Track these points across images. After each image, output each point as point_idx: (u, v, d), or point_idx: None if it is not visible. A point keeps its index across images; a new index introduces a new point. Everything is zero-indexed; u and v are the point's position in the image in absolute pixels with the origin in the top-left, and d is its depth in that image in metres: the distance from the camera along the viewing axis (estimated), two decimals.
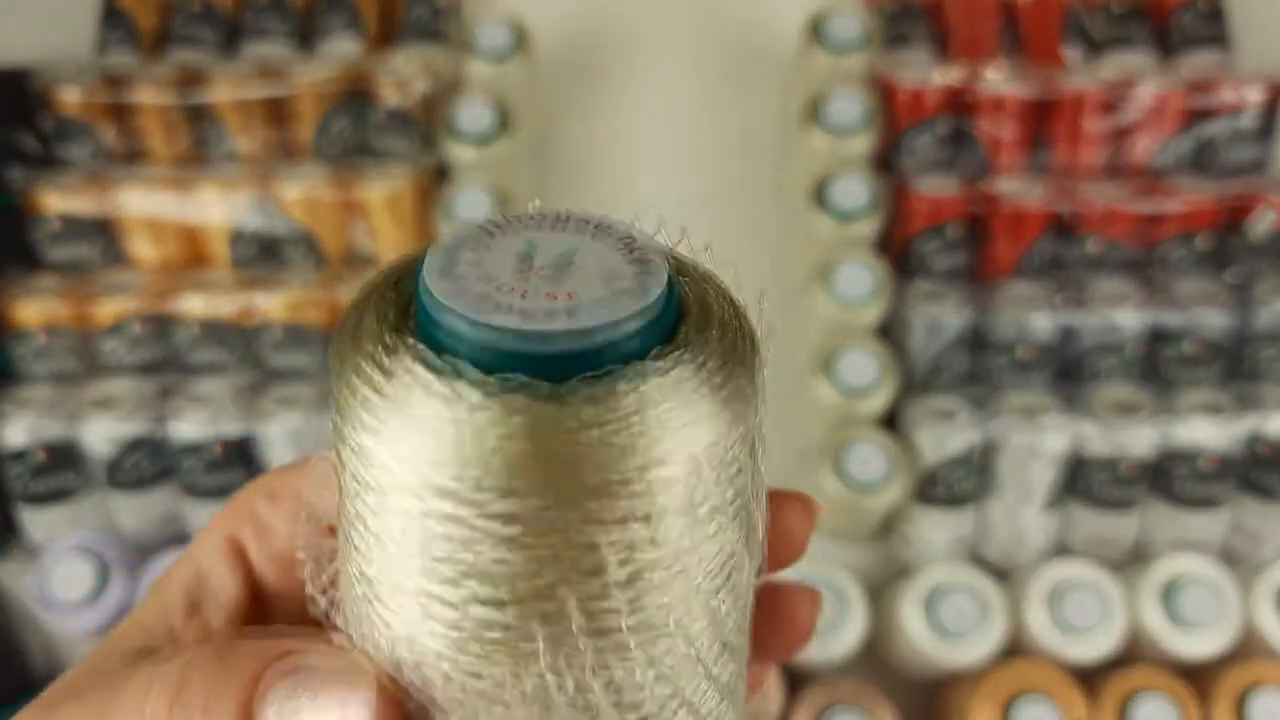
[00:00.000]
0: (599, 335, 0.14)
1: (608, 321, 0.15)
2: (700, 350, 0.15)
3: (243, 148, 0.73)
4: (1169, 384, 0.67)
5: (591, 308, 0.15)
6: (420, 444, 0.14)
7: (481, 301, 0.15)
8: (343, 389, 0.15)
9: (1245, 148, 0.71)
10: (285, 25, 0.76)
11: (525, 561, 0.15)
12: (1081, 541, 0.66)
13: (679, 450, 0.15)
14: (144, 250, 0.72)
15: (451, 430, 0.14)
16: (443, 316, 0.15)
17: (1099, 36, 0.74)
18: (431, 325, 0.15)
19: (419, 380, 0.14)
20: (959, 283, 0.69)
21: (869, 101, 0.71)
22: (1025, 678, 0.62)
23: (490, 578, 0.15)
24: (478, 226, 0.16)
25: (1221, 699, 0.62)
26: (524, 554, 0.15)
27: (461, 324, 0.14)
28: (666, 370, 0.15)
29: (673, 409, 0.15)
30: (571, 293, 0.15)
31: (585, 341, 0.14)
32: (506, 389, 0.14)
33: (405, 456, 0.14)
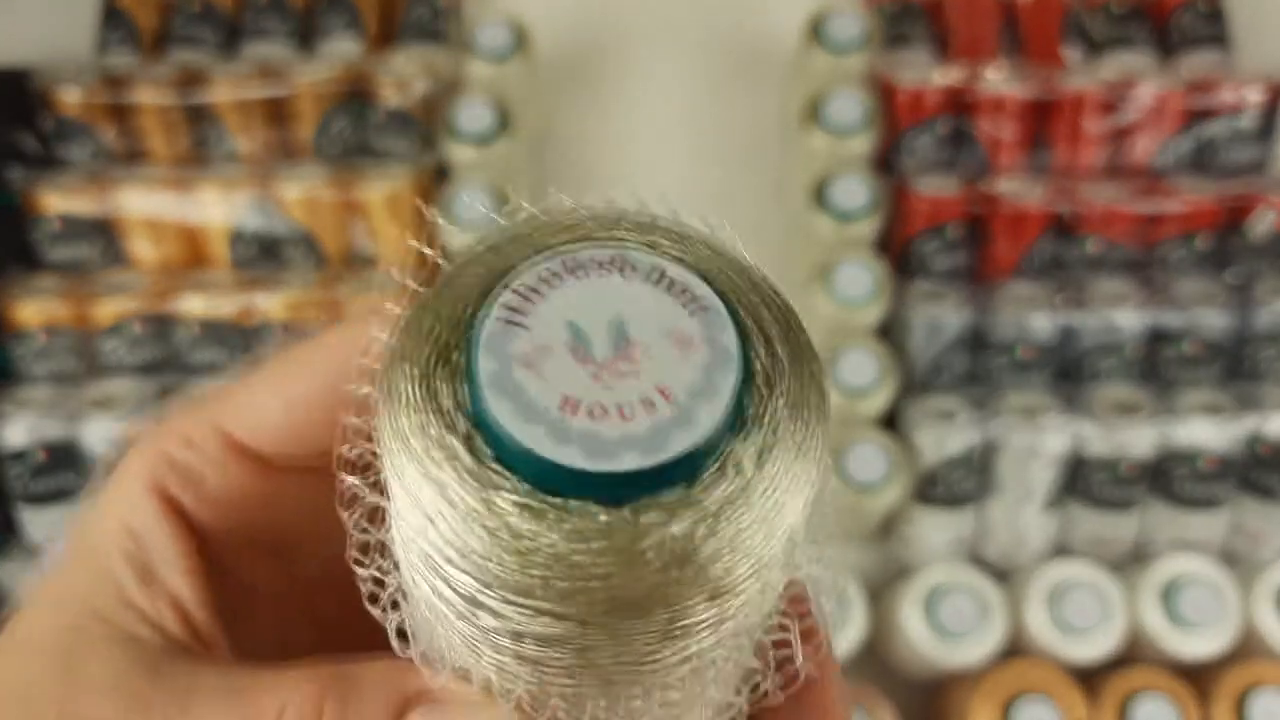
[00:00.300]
0: (670, 463, 0.13)
1: (685, 454, 0.13)
2: (774, 424, 0.14)
3: (243, 148, 0.73)
4: (1169, 384, 0.67)
5: (673, 427, 0.13)
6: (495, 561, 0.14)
7: (556, 432, 0.13)
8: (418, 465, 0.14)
9: (1245, 148, 0.71)
10: (285, 25, 0.76)
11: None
12: (1081, 542, 0.66)
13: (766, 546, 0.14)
14: (144, 250, 0.72)
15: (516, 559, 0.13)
16: (515, 448, 0.14)
17: (1099, 37, 0.74)
18: (501, 447, 0.14)
19: (495, 496, 0.14)
20: (959, 283, 0.69)
21: (869, 102, 0.71)
22: (1025, 678, 0.62)
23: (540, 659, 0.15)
24: (501, 304, 0.15)
25: (1221, 699, 0.62)
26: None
27: (537, 462, 0.13)
28: (742, 473, 0.14)
29: (747, 512, 0.14)
30: (647, 402, 0.14)
31: (653, 465, 0.13)
32: (579, 516, 0.13)
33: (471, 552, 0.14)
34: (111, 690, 0.17)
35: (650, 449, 0.13)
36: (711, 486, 0.14)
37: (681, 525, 0.13)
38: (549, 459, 0.13)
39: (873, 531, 0.68)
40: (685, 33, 0.81)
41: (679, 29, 0.81)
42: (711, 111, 0.79)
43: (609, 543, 0.13)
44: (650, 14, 0.81)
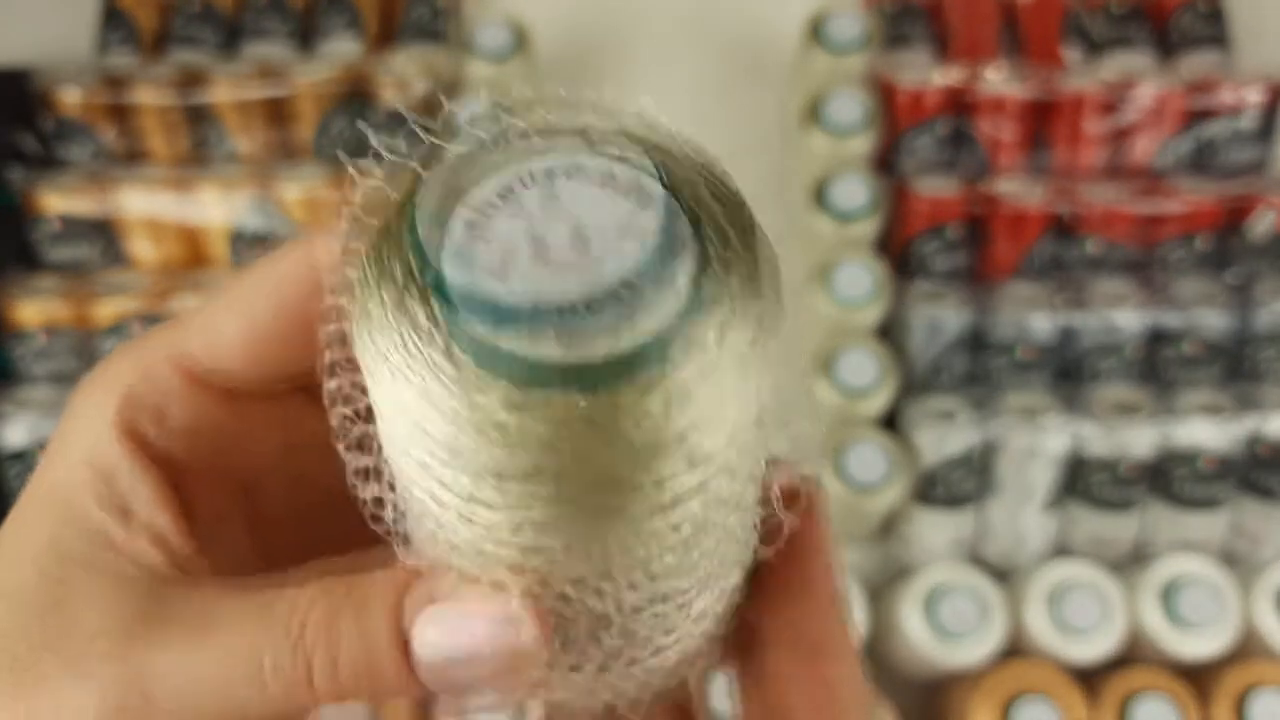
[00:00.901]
0: (640, 348, 0.14)
1: (653, 337, 0.14)
2: (731, 302, 0.15)
3: (243, 148, 0.73)
4: (1169, 385, 0.67)
5: (639, 314, 0.14)
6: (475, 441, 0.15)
7: (530, 332, 0.14)
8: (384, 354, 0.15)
9: (1245, 148, 0.71)
10: (285, 26, 0.76)
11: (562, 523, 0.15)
12: (1081, 542, 0.66)
13: (727, 419, 0.15)
14: (144, 251, 0.72)
15: (498, 435, 0.14)
16: (494, 352, 0.14)
17: (1099, 37, 0.74)
18: (480, 353, 0.15)
19: (469, 381, 0.15)
20: (959, 283, 0.69)
21: (869, 102, 0.71)
22: (1025, 678, 0.61)
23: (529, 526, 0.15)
24: (464, 220, 0.16)
25: (1221, 699, 0.62)
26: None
27: (517, 361, 0.14)
28: (706, 349, 0.15)
29: (716, 384, 0.15)
30: (613, 295, 0.15)
31: (625, 351, 0.14)
32: (548, 398, 0.14)
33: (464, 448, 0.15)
34: (115, 635, 0.17)
35: (620, 336, 0.14)
36: (680, 365, 0.14)
37: (656, 403, 0.14)
38: (527, 357, 0.14)
39: (873, 532, 0.68)
40: (685, 33, 0.81)
41: (679, 29, 0.81)
42: (712, 111, 0.79)
43: (591, 426, 0.14)
44: (650, 14, 0.81)
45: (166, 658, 0.17)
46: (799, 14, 0.74)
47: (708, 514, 0.16)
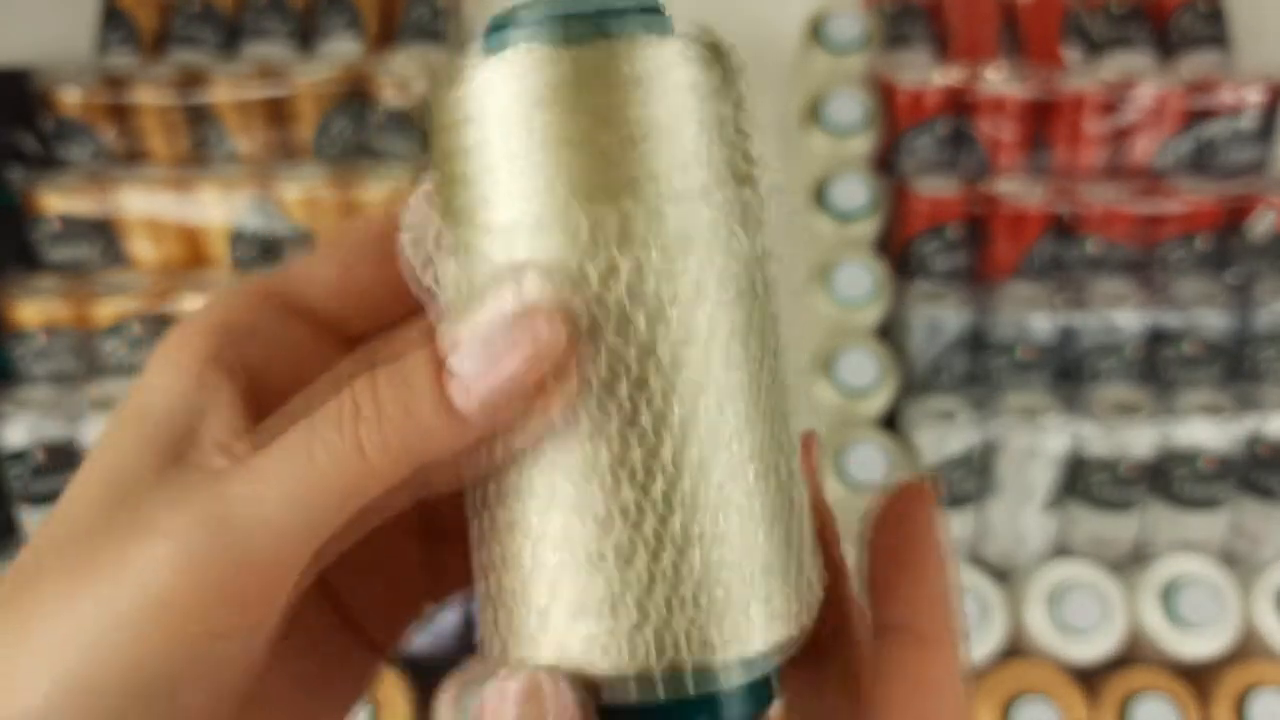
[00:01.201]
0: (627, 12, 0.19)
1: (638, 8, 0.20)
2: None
3: (243, 148, 0.73)
4: (1169, 385, 0.67)
5: None
6: (505, 91, 0.18)
7: None
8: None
9: (1245, 148, 0.71)
10: (285, 26, 0.76)
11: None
12: (1081, 542, 0.66)
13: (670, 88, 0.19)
14: (144, 251, 0.72)
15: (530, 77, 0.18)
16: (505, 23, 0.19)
17: (1099, 37, 0.74)
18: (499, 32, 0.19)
19: (484, 63, 0.18)
20: (959, 283, 0.69)
21: (869, 102, 0.70)
22: (1025, 678, 0.61)
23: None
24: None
25: (1221, 699, 0.62)
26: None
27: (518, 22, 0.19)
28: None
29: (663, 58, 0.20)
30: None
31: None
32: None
33: (493, 106, 0.18)
34: (183, 489, 0.17)
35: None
36: (656, 42, 0.20)
37: (643, 61, 0.19)
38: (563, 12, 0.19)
39: None
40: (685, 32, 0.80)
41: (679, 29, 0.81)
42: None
43: (598, 71, 0.19)
44: None
45: (235, 490, 0.17)
46: (799, 14, 0.74)
47: (703, 227, 0.19)
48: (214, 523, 0.17)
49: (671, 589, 0.18)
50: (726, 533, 0.18)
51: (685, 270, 0.18)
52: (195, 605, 0.17)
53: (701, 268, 0.19)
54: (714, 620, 0.18)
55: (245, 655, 0.18)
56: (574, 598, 0.18)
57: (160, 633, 0.16)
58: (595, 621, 0.18)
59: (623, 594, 0.18)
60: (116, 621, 0.16)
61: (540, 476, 0.18)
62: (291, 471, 0.17)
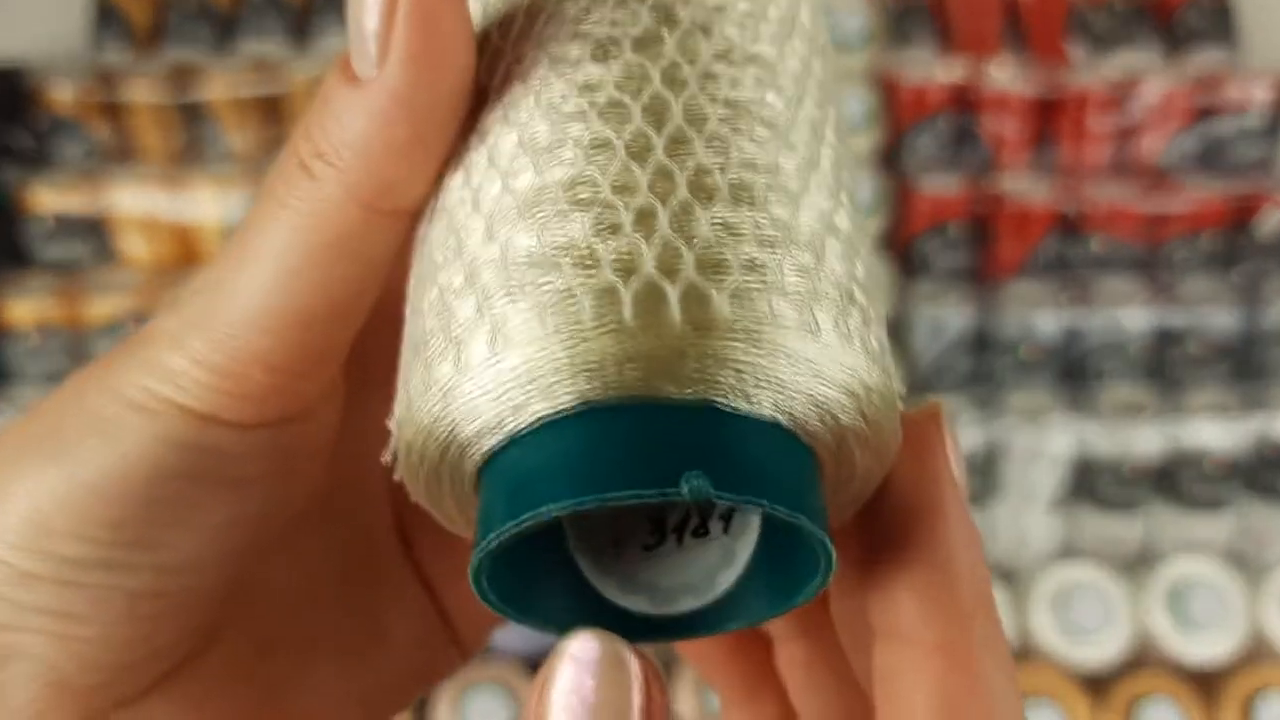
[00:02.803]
0: None
1: None
2: None
3: (237, 146, 0.72)
4: (1175, 384, 0.66)
5: None
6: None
7: None
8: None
9: (1252, 146, 0.70)
10: (280, 22, 0.75)
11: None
12: (1087, 543, 0.65)
13: None
14: (137, 249, 0.71)
15: None
16: None
17: (1104, 33, 0.74)
18: None
19: None
20: (962, 282, 0.68)
21: (872, 99, 0.70)
22: (1030, 682, 0.61)
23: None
24: None
25: (1229, 703, 0.61)
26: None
27: None
28: None
29: None
30: None
31: None
32: None
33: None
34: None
35: None
36: None
37: None
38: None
39: None
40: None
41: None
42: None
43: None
44: None
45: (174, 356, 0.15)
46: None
47: (769, 93, 0.15)
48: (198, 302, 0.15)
49: (683, 240, 0.13)
50: (765, 199, 0.14)
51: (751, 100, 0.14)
52: (188, 382, 0.15)
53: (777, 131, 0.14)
54: (740, 291, 0.13)
55: (265, 474, 0.16)
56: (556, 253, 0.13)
57: (144, 420, 0.15)
58: (561, 276, 0.13)
59: (607, 245, 0.13)
60: (85, 425, 0.15)
61: (513, 114, 0.14)
62: (257, 251, 0.15)
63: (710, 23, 0.15)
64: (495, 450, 0.13)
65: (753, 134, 0.14)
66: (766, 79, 0.15)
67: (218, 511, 0.16)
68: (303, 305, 0.15)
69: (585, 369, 0.13)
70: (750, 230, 0.13)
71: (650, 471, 0.12)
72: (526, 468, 0.13)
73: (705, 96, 0.14)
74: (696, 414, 0.13)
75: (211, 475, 0.16)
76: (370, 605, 0.19)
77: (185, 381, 0.15)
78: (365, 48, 0.15)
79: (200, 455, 0.15)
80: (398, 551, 0.20)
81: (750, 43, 0.15)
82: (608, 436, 0.13)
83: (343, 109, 0.15)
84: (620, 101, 0.14)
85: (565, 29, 0.15)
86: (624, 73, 0.14)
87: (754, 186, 0.14)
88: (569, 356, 0.13)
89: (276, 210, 0.15)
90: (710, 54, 0.15)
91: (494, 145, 0.14)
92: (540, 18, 0.15)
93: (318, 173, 0.15)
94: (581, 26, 0.15)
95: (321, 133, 0.15)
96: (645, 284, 0.13)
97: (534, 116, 0.14)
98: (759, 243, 0.13)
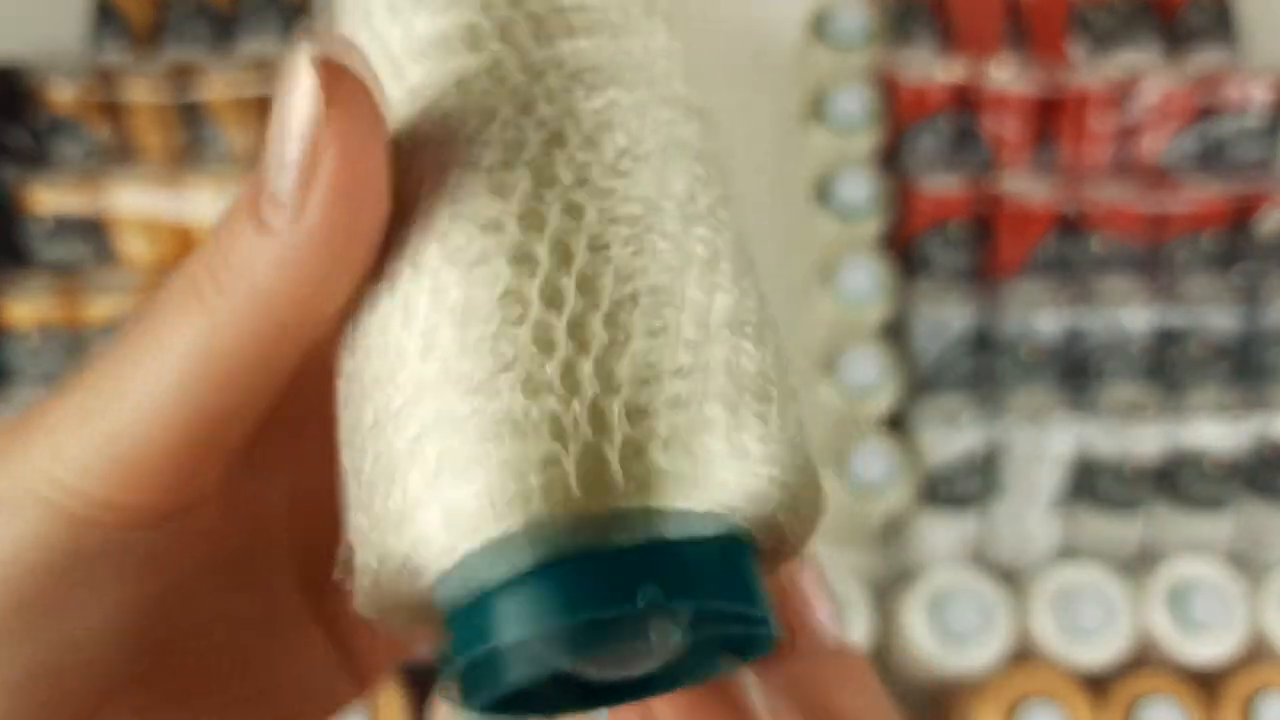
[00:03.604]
0: None
1: None
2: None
3: (237, 145, 0.72)
4: (1176, 384, 0.66)
5: None
6: None
7: None
8: None
9: (1253, 145, 0.70)
10: (279, 21, 0.75)
11: None
12: (1088, 543, 0.65)
13: None
14: (137, 249, 0.71)
15: None
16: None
17: (1105, 32, 0.73)
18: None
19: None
20: (964, 282, 0.68)
21: (872, 98, 0.70)
22: (1031, 683, 0.61)
23: None
24: None
25: (1230, 703, 0.61)
26: None
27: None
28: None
29: None
30: None
31: None
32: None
33: None
34: None
35: None
36: None
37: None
38: None
39: (877, 534, 0.67)
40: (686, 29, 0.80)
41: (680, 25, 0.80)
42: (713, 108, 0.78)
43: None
44: None
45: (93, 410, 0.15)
46: (802, 9, 0.73)
47: (643, 116, 0.15)
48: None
49: (609, 392, 0.13)
50: (677, 325, 0.14)
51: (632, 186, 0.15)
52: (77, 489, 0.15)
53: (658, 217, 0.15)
54: (670, 437, 0.13)
55: (158, 554, 0.16)
56: (470, 427, 0.13)
57: (38, 512, 0.15)
58: (501, 447, 0.13)
59: (538, 406, 0.13)
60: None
61: (415, 272, 0.14)
62: (145, 362, 0.15)
63: (598, 133, 0.15)
64: (452, 576, 0.14)
65: (655, 252, 0.14)
66: (659, 181, 0.15)
67: (103, 597, 0.16)
68: (192, 414, 0.15)
69: (535, 526, 0.13)
70: (669, 364, 0.14)
71: (613, 604, 0.13)
72: (494, 616, 0.14)
73: (606, 221, 0.14)
74: (643, 549, 0.14)
75: (92, 573, 0.16)
76: (272, 650, 0.19)
77: (66, 480, 0.15)
78: (282, 185, 0.14)
79: (78, 558, 0.15)
80: (297, 594, 0.20)
81: (638, 143, 0.15)
82: (567, 588, 0.13)
83: (250, 258, 0.14)
84: (525, 246, 0.14)
85: (460, 153, 0.15)
86: (522, 207, 0.14)
87: (665, 313, 0.14)
88: (517, 507, 0.13)
89: (174, 316, 0.15)
90: (602, 168, 0.15)
91: (407, 297, 0.14)
92: (437, 138, 0.15)
93: (214, 305, 0.15)
94: (475, 152, 0.15)
95: (225, 275, 0.15)
96: (584, 449, 0.13)
97: (442, 265, 0.14)
98: (678, 375, 0.14)
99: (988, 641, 0.61)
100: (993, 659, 0.61)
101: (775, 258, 0.73)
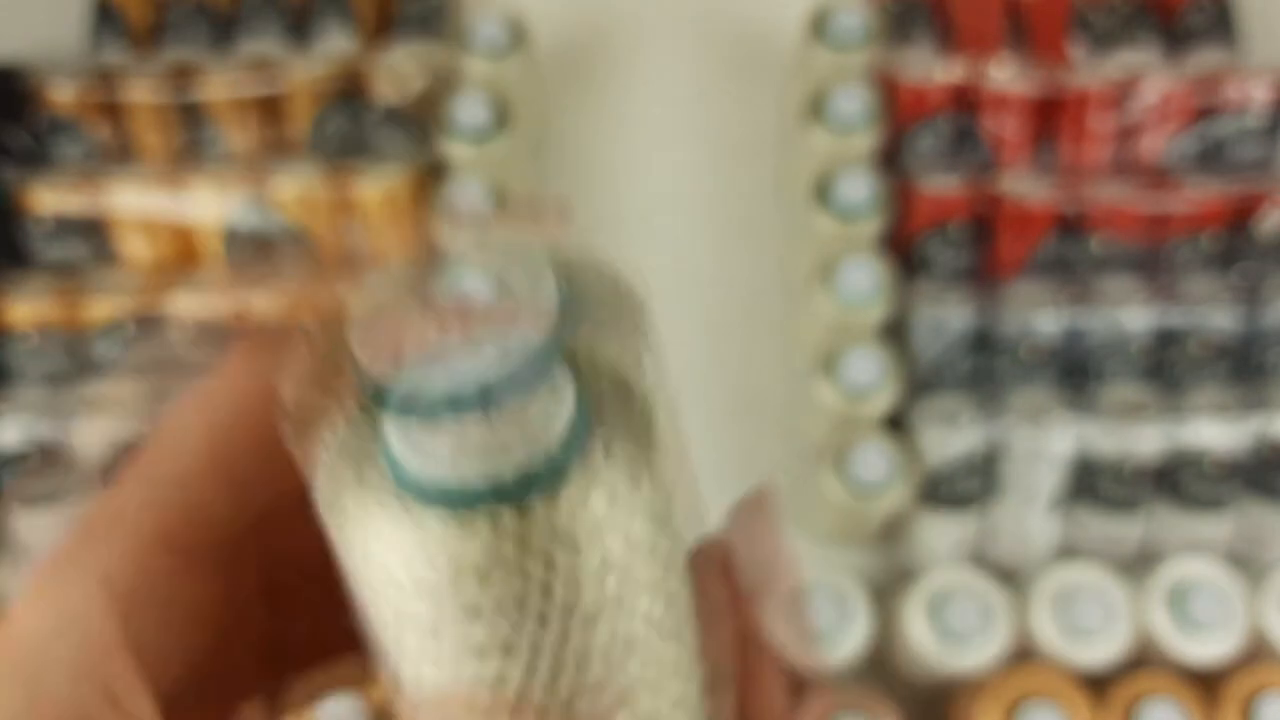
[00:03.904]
0: (544, 472, 0.17)
1: (549, 463, 0.17)
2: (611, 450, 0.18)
3: (236, 145, 0.72)
4: (1176, 384, 0.66)
5: (531, 457, 0.17)
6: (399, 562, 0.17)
7: (459, 469, 0.17)
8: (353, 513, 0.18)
9: (1254, 145, 0.70)
10: (279, 21, 0.75)
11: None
12: (1088, 544, 0.65)
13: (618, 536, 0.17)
14: (136, 249, 0.71)
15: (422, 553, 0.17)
16: (421, 479, 0.17)
17: (1105, 32, 0.74)
18: (408, 478, 0.17)
19: (396, 515, 0.17)
20: (963, 282, 0.68)
21: (872, 98, 0.70)
22: (1031, 683, 0.61)
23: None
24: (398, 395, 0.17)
25: (1230, 703, 0.61)
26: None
27: (437, 485, 0.17)
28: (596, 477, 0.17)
29: (607, 509, 0.17)
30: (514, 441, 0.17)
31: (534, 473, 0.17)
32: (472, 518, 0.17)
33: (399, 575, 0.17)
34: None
35: (526, 464, 0.17)
36: (575, 482, 0.17)
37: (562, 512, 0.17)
38: (459, 488, 0.17)
39: (876, 535, 0.67)
40: (686, 29, 0.80)
41: (680, 25, 0.80)
42: (712, 108, 0.78)
43: (509, 530, 0.17)
44: (650, 10, 0.80)
45: None
46: (801, 9, 0.73)
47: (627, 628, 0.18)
48: None
49: None
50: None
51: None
52: None
53: None
54: None
55: None
56: None
57: None
58: None
59: None
60: None
61: None
62: None
63: (596, 613, 0.18)
64: None
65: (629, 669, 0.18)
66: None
67: None
68: None
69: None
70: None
71: None
72: None
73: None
74: None
75: None
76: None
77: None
78: None
79: None
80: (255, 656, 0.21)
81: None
82: None
83: None
84: None
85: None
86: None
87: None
88: None
89: None
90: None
91: None
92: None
93: None
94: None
95: None
96: None
97: None
98: None
99: (987, 641, 0.61)
100: (992, 659, 0.61)
101: (775, 258, 0.73)
